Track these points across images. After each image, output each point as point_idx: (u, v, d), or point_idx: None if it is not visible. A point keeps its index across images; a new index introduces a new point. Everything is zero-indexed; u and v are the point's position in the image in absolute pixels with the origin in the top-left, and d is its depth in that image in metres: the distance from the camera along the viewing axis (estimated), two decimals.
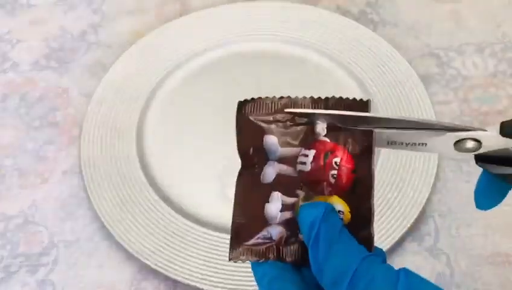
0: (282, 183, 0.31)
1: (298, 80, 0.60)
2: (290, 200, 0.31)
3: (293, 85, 0.59)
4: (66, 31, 0.66)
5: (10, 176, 0.55)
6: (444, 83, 0.60)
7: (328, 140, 0.31)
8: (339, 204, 0.30)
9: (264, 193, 0.31)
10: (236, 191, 0.32)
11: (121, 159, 0.54)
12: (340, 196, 0.31)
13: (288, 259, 0.31)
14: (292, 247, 0.31)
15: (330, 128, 0.31)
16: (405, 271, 0.27)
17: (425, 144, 0.31)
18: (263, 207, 0.31)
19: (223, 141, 0.55)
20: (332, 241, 0.28)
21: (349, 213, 0.30)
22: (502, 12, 0.67)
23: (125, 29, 0.66)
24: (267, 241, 0.31)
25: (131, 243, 0.48)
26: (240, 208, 0.32)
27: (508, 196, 0.35)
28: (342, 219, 0.30)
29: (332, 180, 0.30)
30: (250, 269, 0.46)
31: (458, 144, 0.31)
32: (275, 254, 0.31)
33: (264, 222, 0.31)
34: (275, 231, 0.31)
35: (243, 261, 0.31)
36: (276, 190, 0.31)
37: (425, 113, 0.56)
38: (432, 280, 0.47)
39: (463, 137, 0.31)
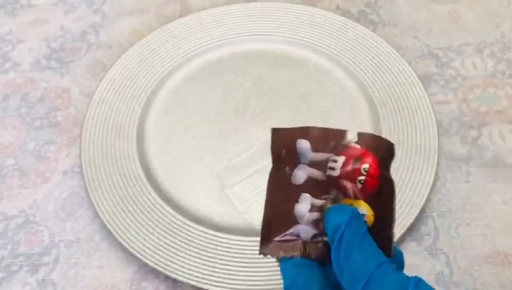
0: (311, 186, 0.33)
1: (298, 80, 0.60)
2: (318, 202, 0.33)
3: (293, 85, 0.59)
4: (67, 31, 0.66)
5: (11, 176, 0.55)
6: (443, 83, 0.60)
7: (359, 146, 0.33)
8: (364, 208, 0.32)
9: (294, 193, 0.33)
10: (268, 189, 0.34)
11: (121, 158, 0.54)
12: (365, 200, 0.33)
13: (313, 256, 0.33)
14: (317, 245, 0.33)
15: (361, 134, 0.33)
16: (416, 280, 0.29)
17: None
18: (293, 206, 0.33)
19: (223, 141, 0.56)
20: (353, 246, 0.30)
21: (372, 216, 0.33)
22: (501, 12, 0.67)
23: (125, 29, 0.67)
24: (295, 238, 0.33)
25: (132, 243, 0.48)
26: (270, 205, 0.33)
27: (507, 196, 0.35)
28: (365, 221, 0.32)
29: (360, 186, 0.33)
30: (249, 270, 0.47)
31: None
32: (301, 251, 0.33)
33: (293, 220, 0.33)
34: (303, 229, 0.33)
35: (272, 256, 0.33)
36: (306, 192, 0.33)
37: (424, 113, 0.56)
38: (431, 280, 0.47)
39: None
